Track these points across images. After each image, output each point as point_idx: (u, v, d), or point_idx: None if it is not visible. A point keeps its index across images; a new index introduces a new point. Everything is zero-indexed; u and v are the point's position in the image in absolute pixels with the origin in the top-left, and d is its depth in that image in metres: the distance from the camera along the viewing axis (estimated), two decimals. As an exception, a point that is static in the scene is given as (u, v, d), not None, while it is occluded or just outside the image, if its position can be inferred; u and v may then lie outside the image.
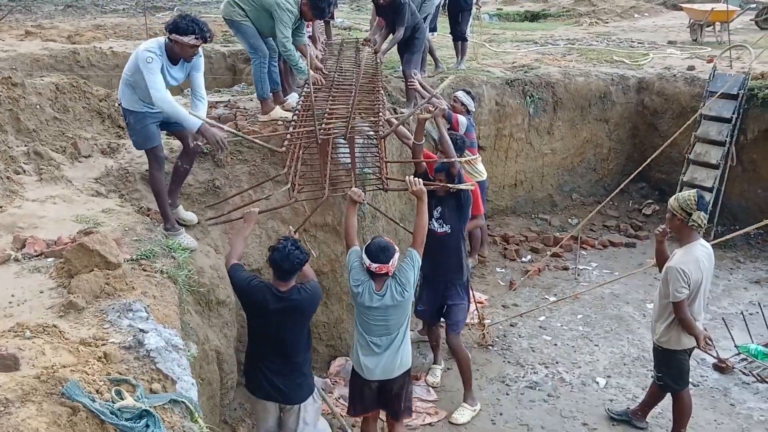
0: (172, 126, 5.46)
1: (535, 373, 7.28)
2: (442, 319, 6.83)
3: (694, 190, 5.90)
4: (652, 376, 6.39)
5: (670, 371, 6.00)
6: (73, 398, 2.73)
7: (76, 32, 12.94)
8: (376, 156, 6.74)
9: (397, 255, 5.09)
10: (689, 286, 5.49)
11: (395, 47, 8.97)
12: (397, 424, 5.61)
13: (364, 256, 5.06)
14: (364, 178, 6.62)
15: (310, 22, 8.21)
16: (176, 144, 6.16)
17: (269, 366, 4.87)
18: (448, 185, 6.07)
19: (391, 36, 8.69)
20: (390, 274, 5.10)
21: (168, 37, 5.08)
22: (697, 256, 5.57)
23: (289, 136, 6.23)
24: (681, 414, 6.15)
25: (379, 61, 8.81)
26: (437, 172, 6.28)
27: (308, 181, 6.44)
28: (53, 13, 16.97)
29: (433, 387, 6.99)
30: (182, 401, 3.25)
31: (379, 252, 5.01)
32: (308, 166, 6.57)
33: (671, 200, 5.66)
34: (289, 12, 6.94)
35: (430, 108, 6.28)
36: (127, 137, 6.18)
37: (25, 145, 6.19)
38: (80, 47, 11.22)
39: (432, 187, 5.97)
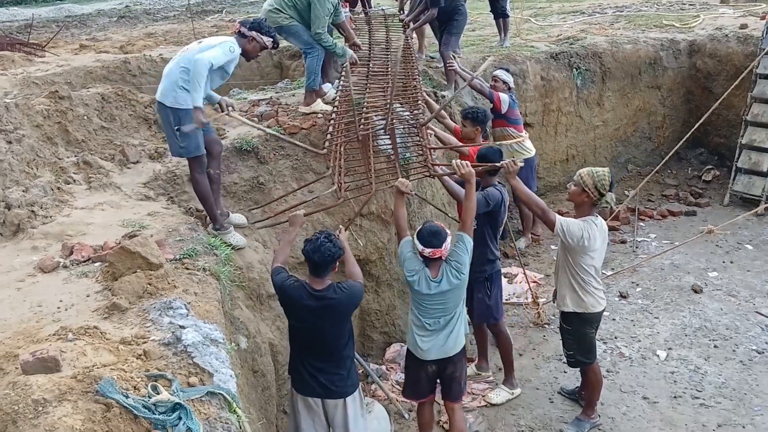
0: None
1: (593, 349, 7.17)
2: None
3: (607, 168, 5.47)
4: (565, 361, 6.15)
5: (583, 343, 5.81)
6: (107, 395, 2.85)
7: (128, 42, 13.28)
8: (418, 143, 6.61)
9: (449, 239, 5.04)
10: (576, 238, 5.30)
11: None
12: (456, 405, 5.56)
13: (416, 242, 5.02)
14: (408, 167, 6.59)
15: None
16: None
17: (311, 363, 4.84)
18: (488, 165, 5.93)
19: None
20: (444, 258, 5.05)
21: (244, 33, 5.37)
22: (595, 234, 5.39)
23: (328, 135, 6.20)
24: (594, 388, 6.05)
25: (409, 39, 8.79)
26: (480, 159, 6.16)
27: (353, 177, 6.41)
28: (107, 25, 17.45)
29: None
30: (220, 393, 3.34)
31: (431, 237, 4.97)
32: (351, 162, 6.52)
33: (584, 174, 5.31)
34: (329, 1, 7.06)
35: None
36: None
37: (75, 156, 6.42)
38: (131, 56, 11.52)
39: (480, 168, 5.80)
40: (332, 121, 6.48)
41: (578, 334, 5.79)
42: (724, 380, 6.56)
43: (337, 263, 4.78)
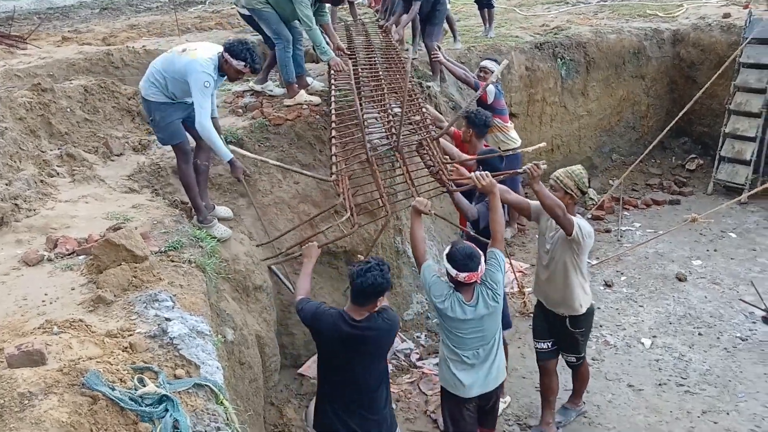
0: (187, 121, 5.56)
1: (578, 337, 7.21)
2: None
3: (579, 165, 5.44)
4: (570, 363, 5.90)
5: (585, 340, 5.74)
6: (93, 388, 2.84)
7: (110, 34, 13.15)
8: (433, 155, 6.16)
9: (483, 258, 4.64)
10: (589, 236, 5.22)
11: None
12: None
13: (448, 265, 4.56)
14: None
15: None
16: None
17: (341, 403, 4.44)
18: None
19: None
20: (479, 281, 4.64)
21: (222, 55, 5.33)
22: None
23: (333, 157, 5.96)
24: (585, 379, 6.05)
25: (395, 42, 8.75)
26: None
27: (363, 198, 6.32)
28: (89, 17, 17.27)
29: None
30: (206, 385, 3.34)
31: (467, 260, 4.50)
32: (355, 178, 6.30)
33: (562, 176, 5.20)
34: None
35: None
36: (156, 133, 6.27)
37: (59, 148, 6.37)
38: (114, 48, 11.39)
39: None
40: (333, 140, 6.19)
41: (589, 330, 5.75)
42: (709, 367, 6.62)
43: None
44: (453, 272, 4.52)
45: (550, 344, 5.80)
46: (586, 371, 6.03)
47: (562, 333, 5.63)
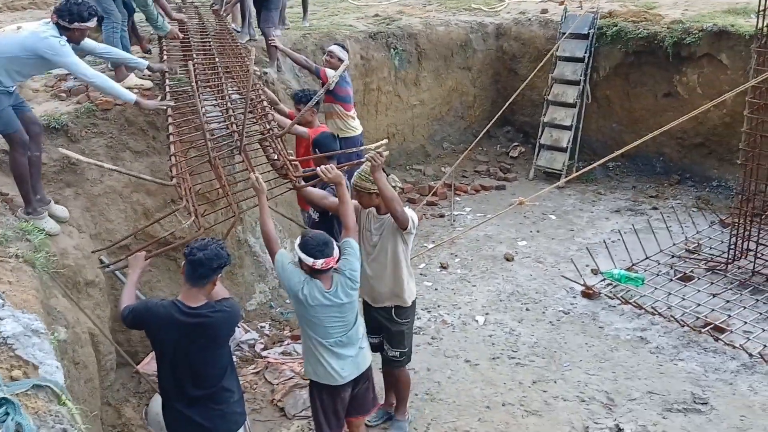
0: (16, 110, 5.17)
1: (418, 318, 7.40)
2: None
3: (364, 164, 5.26)
4: (394, 358, 5.66)
5: (410, 335, 5.69)
6: None
7: None
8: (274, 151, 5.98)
9: (336, 245, 4.60)
10: (416, 224, 5.27)
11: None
12: (362, 419, 5.25)
13: (304, 256, 4.46)
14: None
15: None
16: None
17: (186, 398, 4.19)
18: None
19: None
20: (335, 267, 4.60)
21: (66, 26, 5.04)
22: None
23: (172, 158, 5.57)
24: (409, 384, 5.95)
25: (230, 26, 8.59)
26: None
27: (205, 189, 6.06)
28: None
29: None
30: (47, 385, 3.13)
31: (322, 246, 4.45)
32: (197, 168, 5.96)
33: (361, 183, 5.13)
34: None
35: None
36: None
37: None
38: None
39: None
40: (171, 137, 5.78)
41: (412, 323, 5.74)
42: (536, 340, 7.09)
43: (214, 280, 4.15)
44: (309, 261, 4.44)
45: (380, 338, 5.70)
46: (408, 376, 5.92)
47: (388, 327, 5.55)
